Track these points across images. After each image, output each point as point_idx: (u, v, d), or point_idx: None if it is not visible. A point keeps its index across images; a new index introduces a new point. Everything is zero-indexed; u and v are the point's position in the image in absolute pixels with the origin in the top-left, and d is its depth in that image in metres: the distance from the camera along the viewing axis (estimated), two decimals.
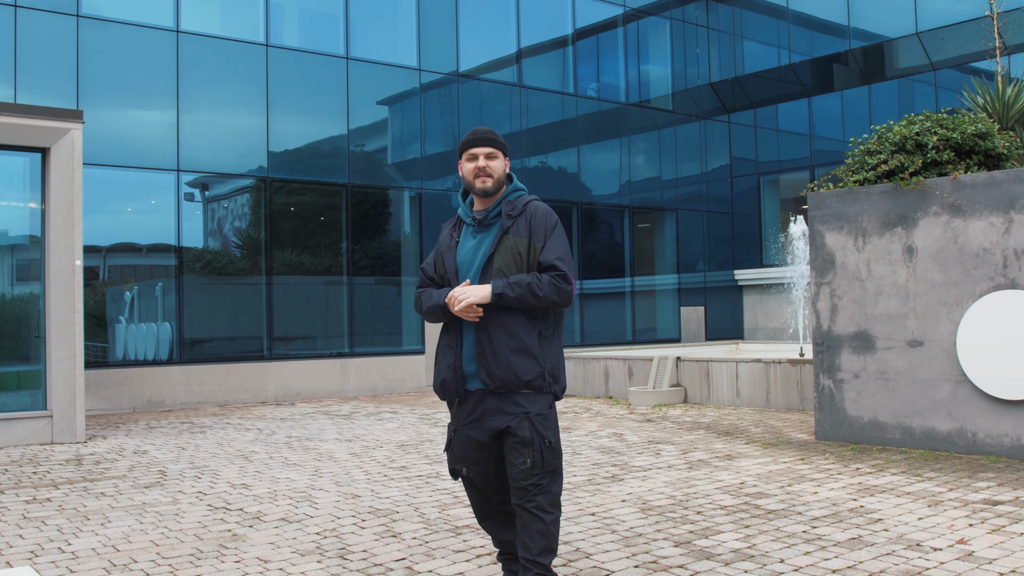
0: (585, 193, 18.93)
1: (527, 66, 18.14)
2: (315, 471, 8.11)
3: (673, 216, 20.35)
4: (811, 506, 6.35)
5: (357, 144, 15.95)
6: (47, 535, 5.92)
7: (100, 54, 13.50)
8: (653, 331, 19.81)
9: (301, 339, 15.13)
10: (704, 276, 20.70)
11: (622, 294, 19.41)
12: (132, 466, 8.49)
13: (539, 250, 4.05)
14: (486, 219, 4.18)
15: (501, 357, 3.98)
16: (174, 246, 14.11)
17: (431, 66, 16.68)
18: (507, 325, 4.00)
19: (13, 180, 10.70)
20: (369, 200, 16.00)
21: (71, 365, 9.99)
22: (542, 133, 18.34)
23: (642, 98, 20.02)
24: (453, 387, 4.09)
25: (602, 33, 19.60)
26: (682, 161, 20.55)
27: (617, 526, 5.87)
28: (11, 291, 10.93)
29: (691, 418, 11.42)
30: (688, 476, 7.57)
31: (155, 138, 13.96)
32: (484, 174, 4.15)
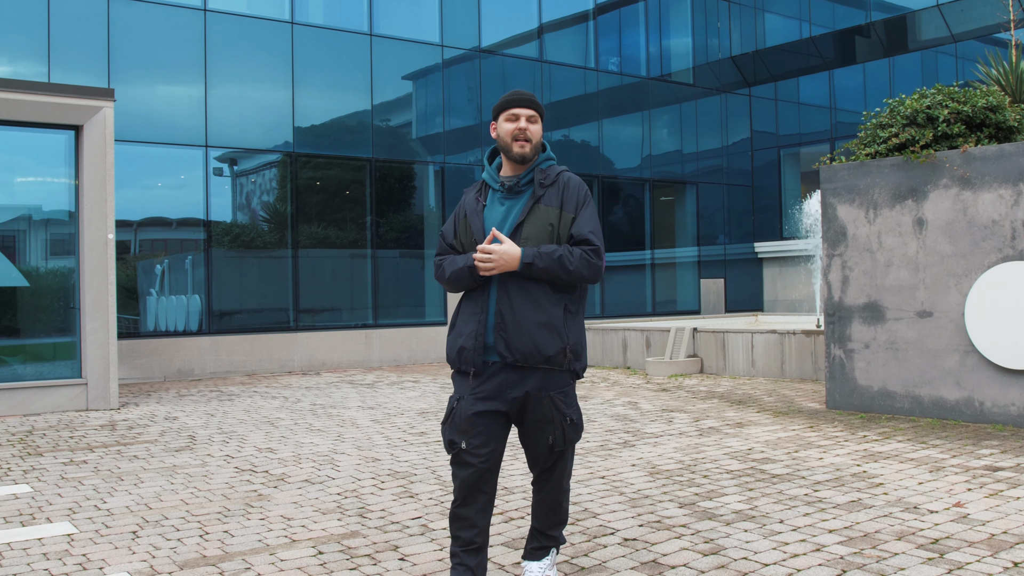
0: (607, 166, 19.07)
1: (549, 41, 18.25)
2: (338, 436, 8.39)
3: (694, 189, 20.45)
4: (815, 471, 6.54)
5: (382, 119, 16.18)
6: (84, 494, 6.21)
7: (130, 32, 13.78)
8: (673, 303, 19.97)
9: (327, 311, 15.43)
10: (724, 249, 20.80)
11: (643, 266, 19.58)
12: (163, 431, 8.81)
13: (570, 222, 3.85)
14: (517, 185, 3.93)
15: (524, 330, 3.76)
16: (203, 220, 14.42)
17: (453, 42, 16.84)
18: (533, 296, 3.78)
19: (44, 157, 11.00)
20: (393, 174, 16.24)
21: (104, 335, 10.33)
22: (564, 107, 18.47)
23: (663, 72, 20.08)
24: (472, 356, 3.82)
25: (623, 7, 19.64)
26: (703, 134, 20.61)
27: (625, 488, 6.09)
28: (45, 265, 11.25)
29: (706, 388, 11.62)
30: (698, 442, 7.78)
31: (184, 114, 14.24)
32: (524, 138, 3.89)
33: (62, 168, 10.80)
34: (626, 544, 4.80)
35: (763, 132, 21.35)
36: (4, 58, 12.97)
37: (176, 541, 5.01)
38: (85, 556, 4.76)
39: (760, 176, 21.36)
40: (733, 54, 21.00)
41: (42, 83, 10.66)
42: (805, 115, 20.90)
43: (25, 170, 11.12)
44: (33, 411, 10.04)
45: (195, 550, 4.83)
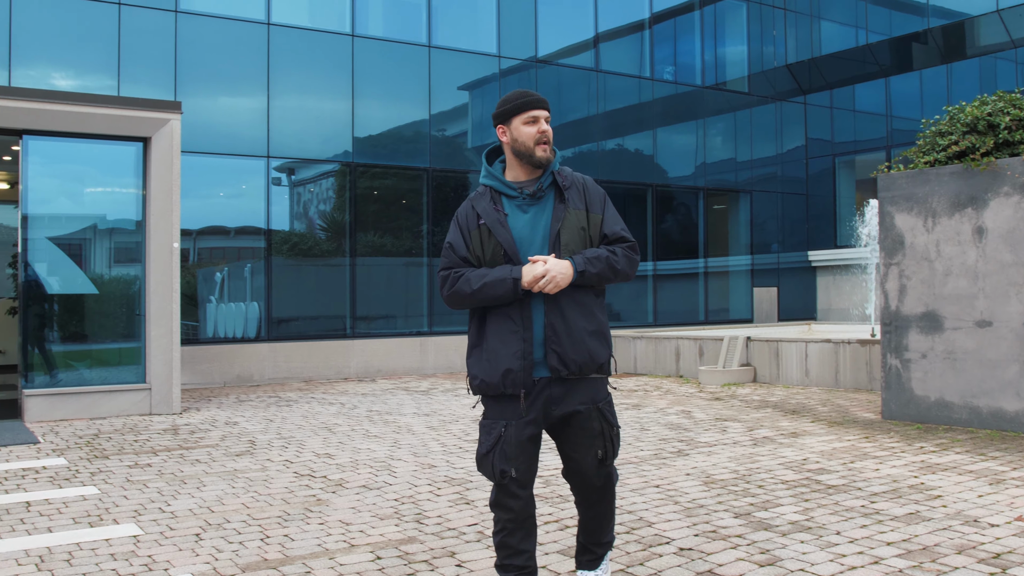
0: (660, 175, 19.05)
1: (604, 51, 18.30)
2: (394, 443, 8.50)
3: (748, 197, 20.35)
4: (872, 482, 6.49)
5: (438, 129, 16.34)
6: (148, 496, 6.36)
7: (196, 46, 14.08)
8: (726, 312, 19.88)
9: (382, 318, 15.61)
10: (778, 257, 20.66)
11: (695, 275, 19.52)
12: (224, 436, 8.99)
13: (599, 222, 3.72)
14: (540, 191, 3.71)
15: (578, 340, 3.60)
16: (263, 229, 14.67)
17: (510, 52, 16.97)
18: (583, 304, 3.64)
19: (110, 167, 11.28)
20: (449, 183, 16.39)
21: (168, 341, 10.56)
22: (618, 116, 18.50)
23: (718, 80, 20.02)
24: (521, 378, 3.58)
25: (679, 16, 19.62)
26: (757, 143, 20.51)
27: (680, 498, 6.10)
28: (110, 272, 11.53)
29: (759, 397, 11.58)
30: (752, 452, 7.77)
31: (246, 125, 14.51)
32: (547, 140, 3.68)
33: (127, 178, 11.07)
34: (681, 554, 4.83)
35: (818, 140, 21.18)
36: (77, 71, 13.33)
37: (238, 544, 5.13)
38: (151, 557, 4.90)
39: (814, 184, 21.18)
40: (788, 62, 20.87)
41: (113, 97, 10.95)
42: (861, 123, 20.71)
43: (92, 180, 11.42)
44: (99, 415, 10.30)
45: (256, 553, 4.94)
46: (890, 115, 20.02)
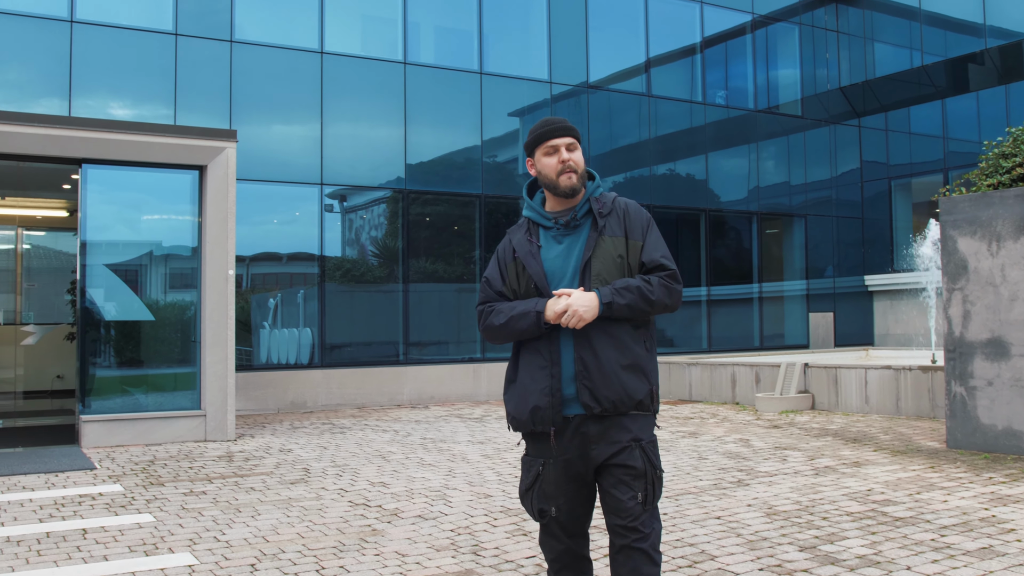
0: (713, 200, 18.91)
1: (655, 75, 18.25)
2: (449, 471, 8.44)
3: (802, 221, 20.11)
4: (940, 514, 6.32)
5: (489, 155, 16.37)
6: (203, 525, 6.36)
7: (250, 76, 14.25)
8: (781, 337, 19.62)
9: (434, 344, 15.60)
10: (833, 281, 20.37)
11: (750, 300, 19.30)
12: (278, 463, 8.99)
13: (639, 249, 3.52)
14: (574, 220, 3.57)
15: (611, 375, 3.41)
16: (316, 255, 14.75)
17: (561, 78, 16.97)
18: (615, 337, 3.44)
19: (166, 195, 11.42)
20: (500, 210, 16.38)
21: (223, 368, 10.61)
22: (670, 141, 18.41)
23: (771, 104, 19.86)
24: (549, 415, 3.45)
25: (730, 40, 19.52)
26: (811, 166, 20.29)
27: (742, 530, 5.98)
28: (165, 298, 11.65)
29: (818, 424, 11.37)
30: (814, 482, 7.61)
31: (300, 153, 14.64)
32: (569, 169, 3.53)
33: (183, 206, 11.18)
34: None
35: (873, 163, 20.90)
36: (134, 101, 13.54)
37: (293, 575, 5.09)
38: None
39: (870, 208, 20.89)
40: (842, 84, 20.65)
41: (170, 126, 11.10)
42: (917, 145, 20.41)
43: (148, 208, 11.56)
44: (155, 441, 10.36)
45: None
46: (947, 137, 19.71)
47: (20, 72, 12.96)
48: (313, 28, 14.83)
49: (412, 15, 15.82)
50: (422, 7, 16.08)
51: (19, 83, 12.90)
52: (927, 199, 19.97)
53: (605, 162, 17.31)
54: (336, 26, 15.09)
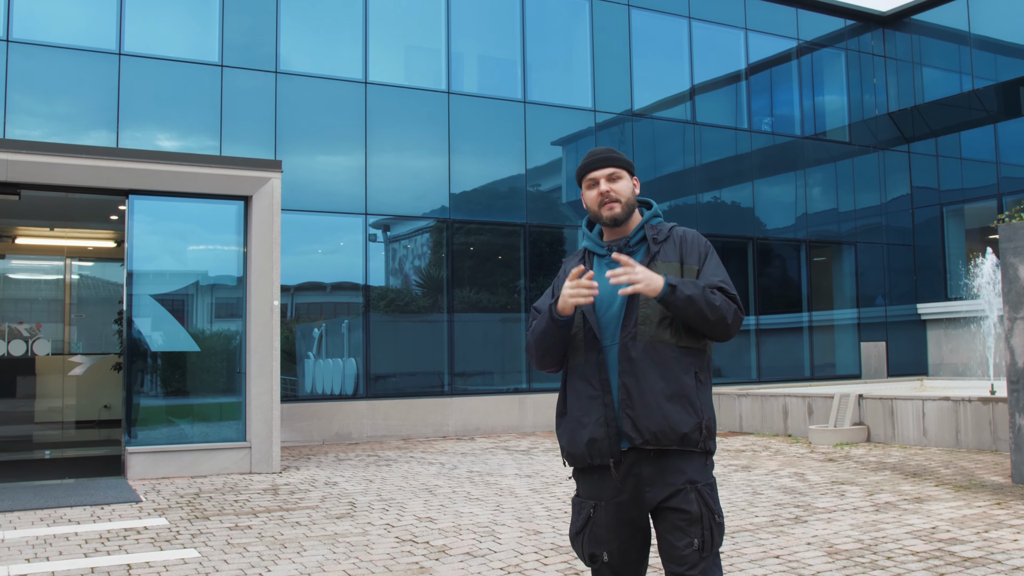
0: (760, 228, 18.68)
1: (700, 102, 18.11)
2: (497, 506, 8.28)
3: (851, 249, 19.80)
4: (1011, 554, 6.08)
5: (532, 184, 16.29)
6: (249, 561, 6.27)
7: (295, 106, 14.31)
8: (832, 367, 19.27)
9: (479, 375, 15.47)
10: (885, 310, 19.99)
11: (799, 329, 18.99)
12: (324, 497, 8.88)
13: (695, 274, 3.38)
14: (627, 246, 3.48)
15: (652, 404, 3.24)
16: (361, 285, 14.71)
17: (605, 106, 16.89)
18: (660, 364, 3.27)
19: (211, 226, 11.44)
20: (544, 239, 16.28)
21: (269, 399, 10.55)
22: (716, 169, 18.24)
23: (817, 130, 19.63)
24: (607, 447, 3.29)
25: (775, 67, 19.35)
26: (860, 192, 19.99)
27: (803, 570, 5.77)
28: (211, 328, 11.64)
29: (875, 458, 11.07)
30: (875, 519, 7.37)
31: (344, 183, 14.65)
32: (610, 199, 3.44)
33: (228, 236, 11.18)
34: None
35: (924, 189, 20.54)
36: (180, 132, 13.65)
37: None
38: None
39: (922, 234, 20.51)
40: (890, 110, 20.36)
41: (216, 156, 11.13)
42: (969, 170, 20.03)
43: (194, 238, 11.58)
44: (200, 473, 10.30)
45: None
46: (999, 162, 19.32)
47: (70, 105, 13.11)
48: (357, 59, 14.89)
49: (456, 45, 15.84)
50: (465, 37, 16.10)
51: (69, 116, 13.04)
52: (981, 225, 19.58)
53: (650, 190, 17.16)
54: (380, 56, 15.14)
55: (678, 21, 17.87)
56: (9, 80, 12.56)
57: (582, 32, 16.96)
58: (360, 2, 14.99)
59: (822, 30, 19.75)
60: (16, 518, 7.91)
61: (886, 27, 20.59)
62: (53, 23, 13.11)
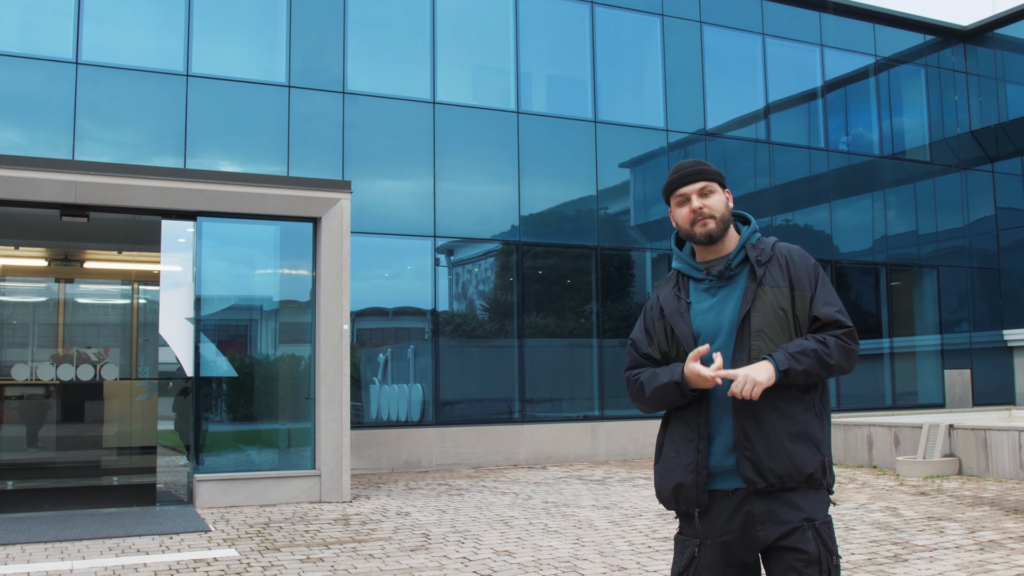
0: (836, 251, 18.13)
1: (774, 121, 17.67)
2: (576, 539, 7.93)
3: (933, 273, 19.13)
4: None
5: (602, 206, 15.96)
6: None
7: (361, 127, 14.16)
8: (914, 395, 18.58)
9: (549, 401, 15.11)
10: (969, 336, 19.26)
11: (880, 356, 18.35)
12: (396, 528, 8.59)
13: (808, 301, 3.14)
14: (729, 269, 3.23)
15: (776, 446, 3.03)
16: (427, 309, 14.46)
17: (677, 126, 16.53)
18: (779, 402, 3.06)
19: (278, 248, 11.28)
20: (614, 262, 15.93)
21: (338, 426, 10.29)
22: (790, 189, 17.76)
23: (895, 150, 19.05)
24: (694, 494, 3.11)
25: (852, 84, 18.84)
26: (941, 214, 19.33)
27: None
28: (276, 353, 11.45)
29: (970, 492, 10.50)
30: (982, 559, 6.89)
31: (411, 206, 14.44)
32: (704, 216, 3.23)
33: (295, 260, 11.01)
34: None
35: (1009, 209, 19.80)
36: (246, 157, 13.55)
37: None
38: None
39: (1007, 257, 19.75)
40: (973, 128, 19.71)
41: (284, 177, 11.01)
42: None
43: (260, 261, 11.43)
44: (269, 501, 10.07)
45: None
46: None
47: (136, 132, 13.07)
48: (425, 79, 14.71)
49: (524, 65, 15.60)
50: (534, 57, 15.87)
51: (135, 143, 13.01)
52: None
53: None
54: (448, 77, 14.96)
55: (752, 38, 17.48)
56: (78, 106, 12.57)
57: (653, 50, 16.64)
58: (428, 22, 14.82)
59: (900, 46, 19.20)
60: (85, 547, 7.74)
61: (967, 42, 19.96)
62: (121, 47, 13.11)
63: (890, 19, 19.00)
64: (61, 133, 12.47)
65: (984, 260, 19.72)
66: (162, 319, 10.44)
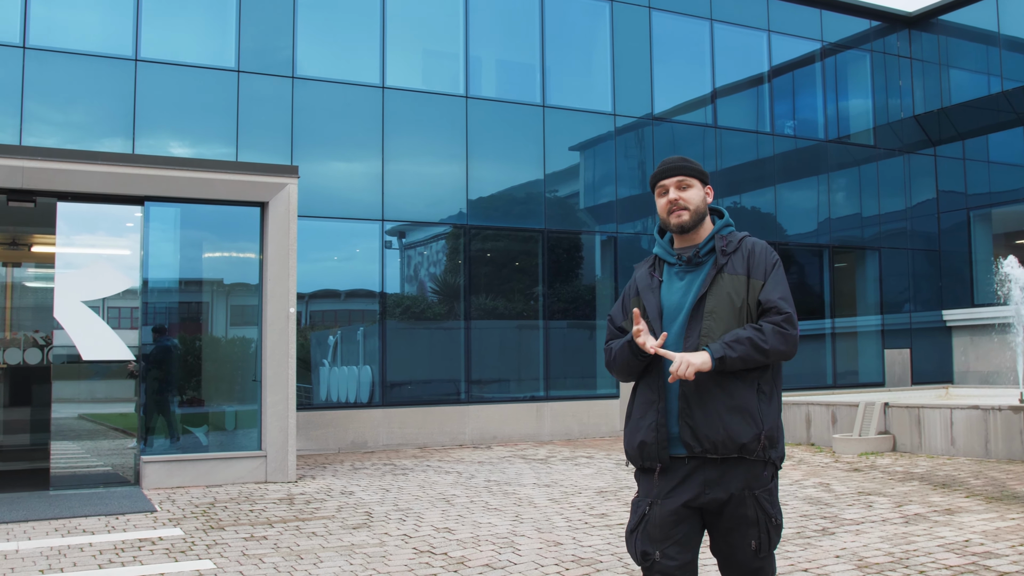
0: (782, 233, 18.45)
1: (721, 106, 17.90)
2: (516, 516, 8.13)
3: (875, 255, 19.52)
4: None
5: (550, 190, 16.12)
6: (264, 573, 6.15)
7: (311, 112, 14.19)
8: (855, 375, 19.00)
9: (496, 382, 15.29)
10: (909, 317, 19.70)
11: (822, 336, 18.72)
12: (340, 507, 8.74)
13: (759, 289, 3.50)
14: (697, 256, 3.61)
15: (713, 416, 3.38)
16: (377, 292, 14.56)
17: (625, 110, 16.71)
18: (721, 379, 3.41)
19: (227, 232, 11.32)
20: (562, 245, 16.11)
21: (284, 408, 10.42)
22: (737, 173, 18.02)
23: (841, 134, 19.38)
24: (655, 451, 3.46)
25: (799, 69, 19.12)
26: (884, 197, 19.71)
27: None
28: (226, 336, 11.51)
29: (902, 468, 10.84)
30: (905, 531, 7.17)
31: (360, 189, 14.51)
32: (678, 207, 3.61)
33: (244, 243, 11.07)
34: None
35: (950, 192, 20.23)
36: (195, 140, 13.55)
37: None
38: None
39: (947, 239, 20.20)
40: (916, 113, 20.08)
41: (231, 162, 11.03)
42: (996, 174, 19.71)
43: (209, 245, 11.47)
44: (215, 482, 10.18)
45: None
46: None
47: (85, 113, 13.03)
48: (375, 63, 14.76)
49: (474, 49, 15.70)
50: (484, 41, 15.96)
51: (84, 124, 12.97)
52: (1009, 230, 19.25)
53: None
54: (397, 61, 15.01)
55: (700, 23, 17.67)
56: (25, 88, 12.50)
57: (602, 35, 16.78)
58: (378, 6, 14.86)
59: (847, 31, 19.49)
60: (31, 528, 7.83)
61: (912, 28, 20.31)
62: (69, 30, 13.05)
63: (837, 5, 19.28)
64: (8, 115, 12.40)
65: (925, 242, 20.16)
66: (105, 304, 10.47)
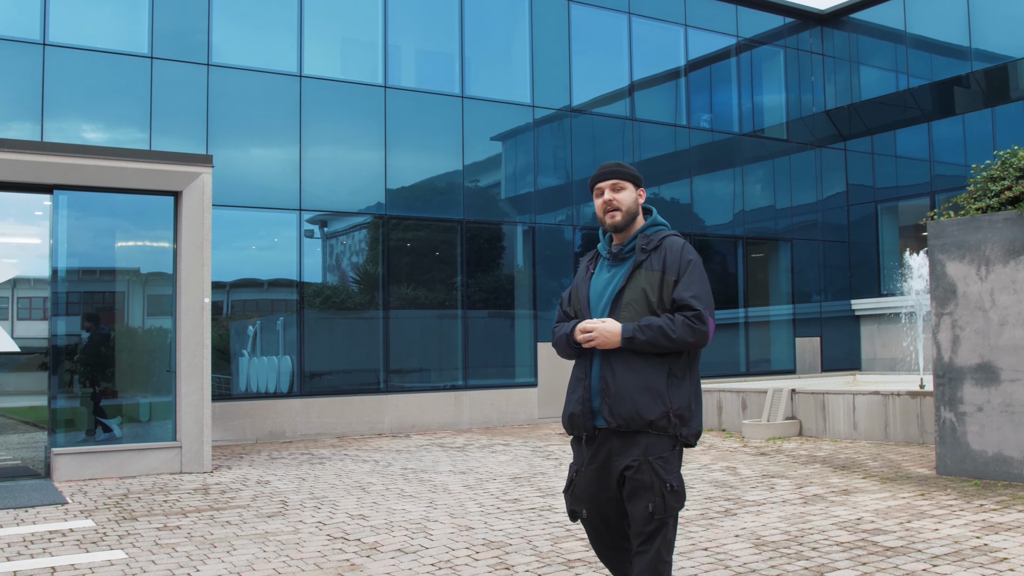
0: (698, 224, 18.82)
1: (639, 99, 18.17)
2: (430, 503, 8.24)
3: (788, 246, 20.03)
4: (932, 544, 6.20)
5: (471, 180, 16.22)
6: (177, 561, 6.17)
7: (227, 99, 14.07)
8: (767, 362, 19.48)
9: (416, 372, 15.37)
10: (820, 306, 20.26)
11: (736, 325, 19.17)
12: (255, 496, 8.77)
13: (672, 285, 3.87)
14: (621, 252, 4.04)
15: (624, 395, 3.80)
16: (296, 282, 14.52)
17: (544, 102, 16.87)
18: (633, 361, 3.82)
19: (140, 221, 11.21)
20: (483, 235, 16.23)
21: (199, 398, 10.38)
22: (655, 165, 18.32)
23: (755, 127, 19.82)
24: (581, 422, 3.92)
25: (715, 64, 19.49)
26: (797, 190, 20.24)
27: (730, 561, 5.83)
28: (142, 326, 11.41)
29: (806, 451, 11.20)
30: (803, 511, 7.46)
31: (278, 177, 14.44)
32: (612, 208, 4.02)
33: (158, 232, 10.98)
34: None
35: (859, 186, 20.85)
36: (108, 124, 13.35)
37: None
38: None
39: (856, 231, 20.82)
40: (828, 108, 20.63)
41: (144, 151, 10.91)
42: (903, 168, 20.35)
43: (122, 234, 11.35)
44: (129, 474, 10.11)
45: None
46: (933, 160, 19.65)
47: None
48: (292, 51, 14.69)
49: (392, 39, 15.70)
50: (403, 31, 15.96)
51: None
52: (914, 222, 19.90)
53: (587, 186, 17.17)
54: (315, 50, 14.95)
55: (618, 16, 17.89)
56: None
57: (521, 26, 16.91)
58: None
59: (761, 27, 19.93)
60: None
61: (824, 25, 20.84)
62: None
63: (752, 1, 19.68)
64: None
65: (835, 234, 20.73)
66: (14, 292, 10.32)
